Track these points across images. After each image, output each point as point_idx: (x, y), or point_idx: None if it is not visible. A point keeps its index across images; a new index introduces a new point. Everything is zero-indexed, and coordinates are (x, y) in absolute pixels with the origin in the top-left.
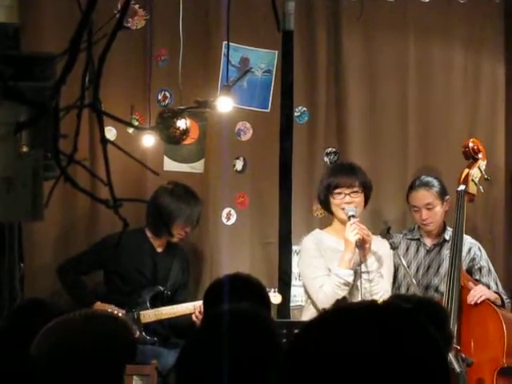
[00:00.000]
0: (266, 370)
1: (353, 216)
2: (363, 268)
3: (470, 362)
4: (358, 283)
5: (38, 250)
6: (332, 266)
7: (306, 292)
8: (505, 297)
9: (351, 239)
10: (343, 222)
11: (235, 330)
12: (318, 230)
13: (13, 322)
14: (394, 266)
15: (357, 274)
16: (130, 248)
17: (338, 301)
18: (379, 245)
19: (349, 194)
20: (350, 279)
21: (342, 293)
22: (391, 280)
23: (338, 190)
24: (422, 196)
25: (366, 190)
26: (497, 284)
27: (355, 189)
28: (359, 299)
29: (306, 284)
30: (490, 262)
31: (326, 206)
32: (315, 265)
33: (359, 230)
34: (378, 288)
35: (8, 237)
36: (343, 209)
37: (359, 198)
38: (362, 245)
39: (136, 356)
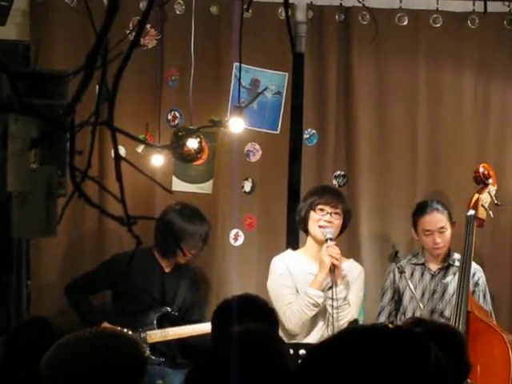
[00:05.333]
0: None
1: (330, 239)
2: (331, 294)
3: None
4: (326, 307)
5: (44, 267)
6: (300, 286)
7: None
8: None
9: (326, 261)
10: (317, 241)
11: (245, 352)
12: (289, 251)
13: (14, 340)
14: (400, 290)
15: (325, 299)
16: (138, 268)
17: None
18: (351, 268)
19: (330, 214)
20: (320, 301)
21: (310, 313)
22: (359, 304)
23: (321, 207)
24: (437, 219)
25: (346, 216)
26: (491, 313)
27: (337, 210)
28: (323, 324)
29: (272, 300)
30: (487, 289)
31: (304, 223)
32: (283, 282)
33: (335, 254)
34: (343, 315)
35: (16, 254)
36: (320, 226)
37: (338, 221)
38: (334, 269)
39: (146, 374)
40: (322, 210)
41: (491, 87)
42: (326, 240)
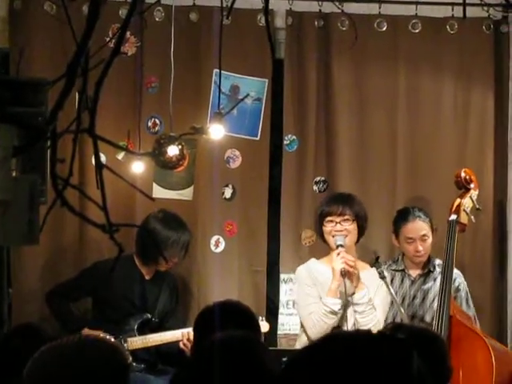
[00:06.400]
0: None
1: (341, 245)
2: (353, 299)
3: None
4: (348, 314)
5: (26, 275)
6: (324, 294)
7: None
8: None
9: (336, 268)
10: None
11: (227, 359)
12: (313, 260)
13: (3, 347)
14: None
15: (347, 305)
16: (118, 275)
17: (333, 329)
18: (373, 276)
19: (339, 222)
20: (337, 308)
21: (329, 321)
22: (386, 310)
23: (329, 218)
24: (420, 227)
25: (359, 220)
26: (475, 318)
27: (346, 217)
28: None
29: (298, 311)
30: (469, 294)
31: (321, 234)
32: (307, 292)
33: (344, 260)
34: (368, 320)
35: None
36: (333, 236)
37: (351, 227)
38: (347, 275)
39: (128, 381)
40: (330, 221)
41: (470, 92)
42: (337, 247)
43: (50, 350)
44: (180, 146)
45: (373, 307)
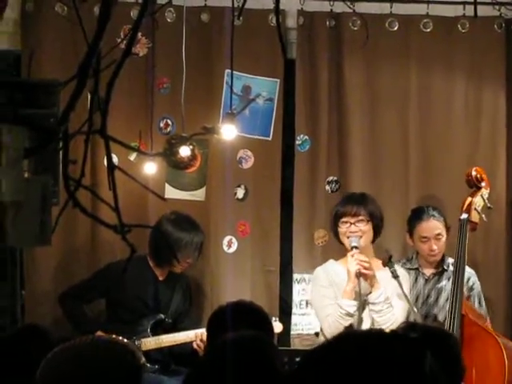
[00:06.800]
0: None
1: (355, 247)
2: (370, 299)
3: None
4: (364, 314)
5: (39, 276)
6: (339, 296)
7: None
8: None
9: (351, 269)
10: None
11: (239, 359)
12: (331, 261)
13: (10, 348)
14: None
15: (364, 305)
16: (132, 276)
17: (345, 328)
18: (389, 277)
19: (354, 223)
20: (352, 310)
21: (345, 323)
22: (405, 308)
23: (343, 219)
24: (435, 226)
25: (374, 219)
26: (486, 317)
27: (361, 217)
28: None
29: (316, 313)
30: (481, 293)
31: (336, 235)
32: (324, 294)
33: (358, 262)
34: (386, 319)
35: (10, 263)
36: (348, 237)
37: (366, 227)
38: (362, 276)
39: (142, 382)
40: (345, 222)
41: (482, 91)
42: (352, 248)
43: (63, 350)
44: (191, 147)
45: (390, 306)
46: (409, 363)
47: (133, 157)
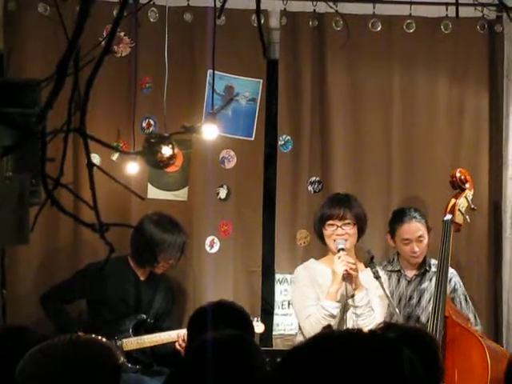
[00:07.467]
0: None
1: (342, 249)
2: (351, 302)
3: None
4: (346, 316)
5: (20, 276)
6: (323, 295)
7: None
8: (478, 327)
9: (338, 271)
10: (335, 253)
11: (219, 358)
12: (312, 260)
13: None
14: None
15: (345, 308)
16: (113, 276)
17: (323, 328)
18: (371, 276)
19: (340, 226)
20: (335, 311)
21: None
22: (385, 310)
23: (330, 222)
24: (416, 228)
25: (359, 222)
26: (475, 316)
27: (347, 221)
28: None
29: (296, 312)
30: (466, 292)
31: (320, 236)
32: (305, 294)
33: (346, 264)
34: (367, 322)
35: None
36: (335, 240)
37: (352, 230)
38: (348, 278)
39: (120, 381)
40: (331, 225)
41: (465, 92)
42: (338, 250)
43: (41, 349)
44: (171, 145)
45: (371, 309)
46: (386, 362)
47: (115, 157)
